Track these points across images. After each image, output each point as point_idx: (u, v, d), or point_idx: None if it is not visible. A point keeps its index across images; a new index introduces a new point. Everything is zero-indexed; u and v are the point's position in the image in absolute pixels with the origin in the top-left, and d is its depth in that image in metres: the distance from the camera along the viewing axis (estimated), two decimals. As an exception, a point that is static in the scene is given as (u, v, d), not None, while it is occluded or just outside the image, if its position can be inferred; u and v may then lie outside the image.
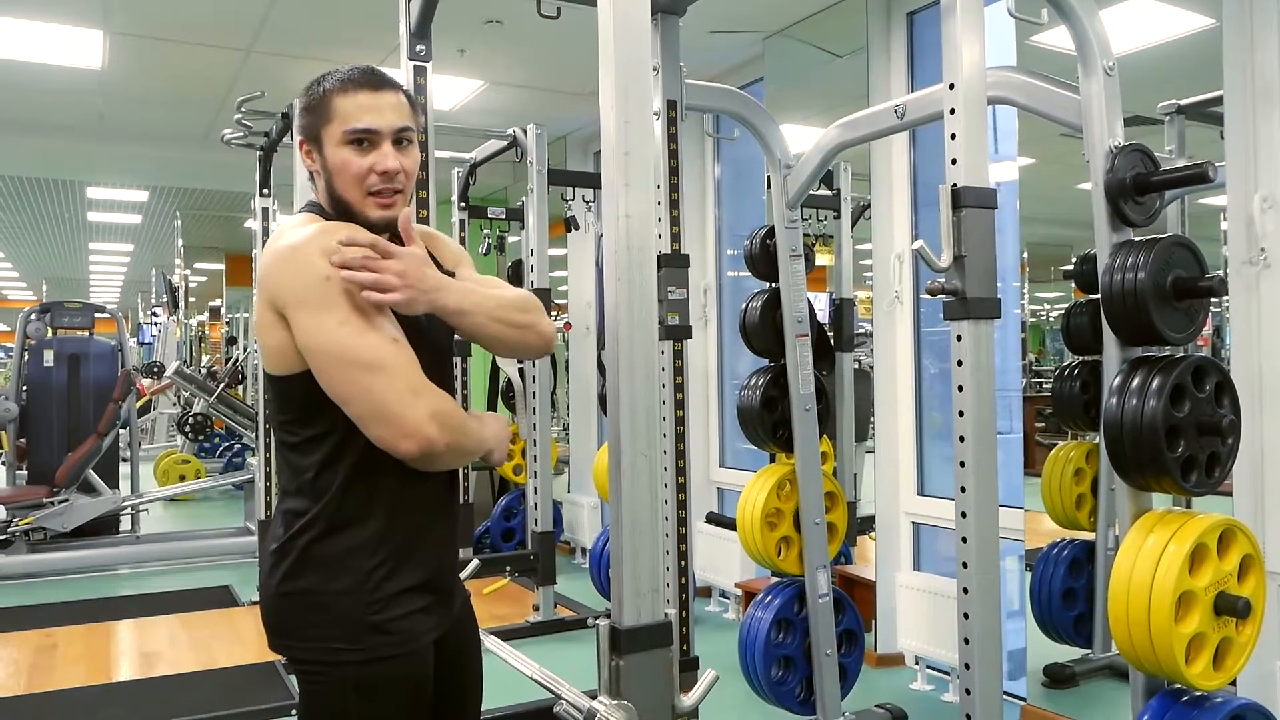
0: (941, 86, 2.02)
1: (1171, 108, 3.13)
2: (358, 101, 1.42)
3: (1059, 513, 3.27)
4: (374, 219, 1.45)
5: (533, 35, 4.75)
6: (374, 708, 1.40)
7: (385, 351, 1.33)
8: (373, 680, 1.40)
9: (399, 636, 1.42)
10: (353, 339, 1.33)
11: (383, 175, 1.43)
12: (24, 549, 5.92)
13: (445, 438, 1.34)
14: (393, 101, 1.45)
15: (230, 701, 3.59)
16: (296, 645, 1.43)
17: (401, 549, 1.44)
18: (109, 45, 4.86)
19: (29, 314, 7.00)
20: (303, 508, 1.42)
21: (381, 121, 1.43)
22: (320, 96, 1.45)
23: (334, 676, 1.41)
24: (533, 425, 4.69)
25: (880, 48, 4.04)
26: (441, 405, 1.36)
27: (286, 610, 1.44)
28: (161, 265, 13.80)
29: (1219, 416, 1.93)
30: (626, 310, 1.48)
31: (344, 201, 1.45)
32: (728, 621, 4.70)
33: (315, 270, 1.34)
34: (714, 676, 1.54)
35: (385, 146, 1.43)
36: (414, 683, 1.45)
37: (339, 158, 1.43)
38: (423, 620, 1.46)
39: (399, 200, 1.46)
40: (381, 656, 1.40)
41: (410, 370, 1.35)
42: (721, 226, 5.34)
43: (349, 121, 1.42)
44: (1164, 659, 1.83)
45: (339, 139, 1.42)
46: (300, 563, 1.41)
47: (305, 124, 1.47)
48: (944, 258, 1.96)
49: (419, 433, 1.32)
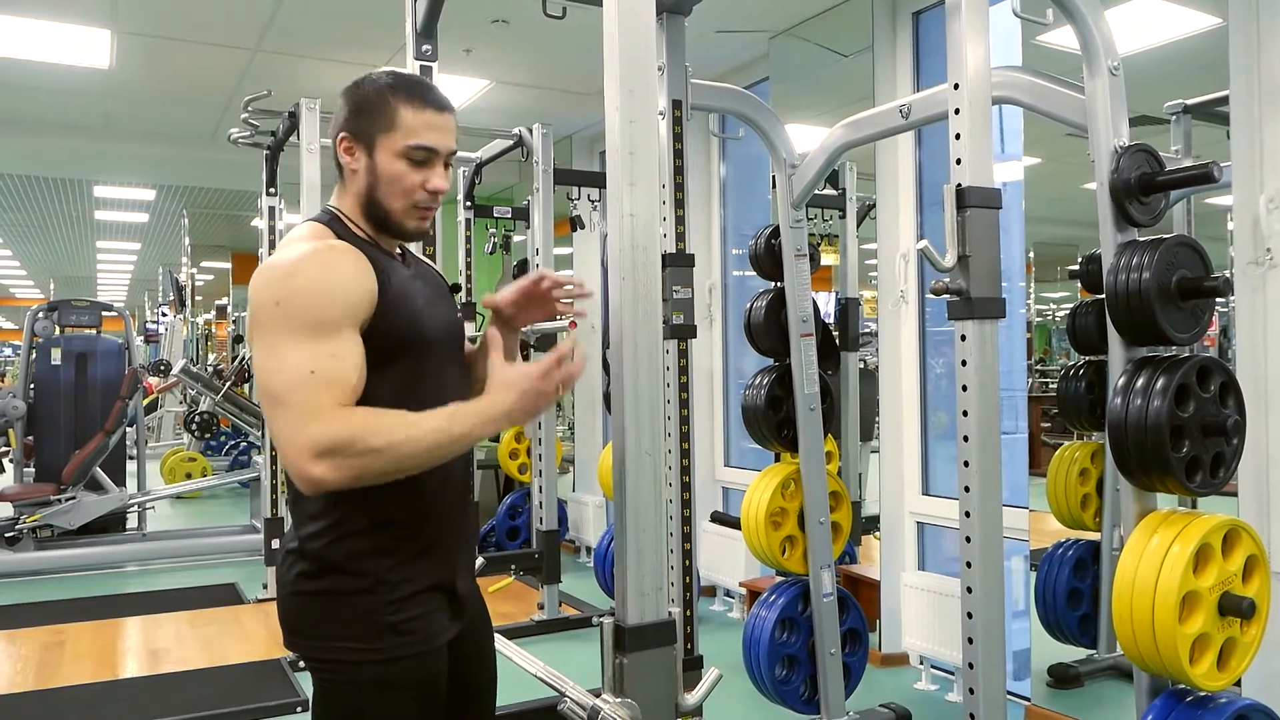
0: (946, 86, 2.02)
1: (1177, 107, 3.13)
2: (425, 119, 1.44)
3: (1064, 513, 3.27)
4: (410, 230, 1.50)
5: (538, 35, 4.76)
6: (389, 708, 1.41)
7: (291, 382, 1.29)
8: (389, 680, 1.40)
9: (416, 636, 1.42)
10: (270, 368, 1.31)
11: (432, 194, 1.47)
12: (31, 546, 5.94)
13: (344, 472, 1.27)
14: (453, 125, 1.49)
15: (237, 699, 3.61)
16: (314, 645, 1.43)
17: (418, 550, 1.45)
18: (117, 45, 4.88)
19: (37, 312, 7.02)
20: (320, 509, 1.42)
21: (443, 143, 1.47)
22: (383, 103, 1.44)
23: (350, 676, 1.41)
24: (538, 424, 4.70)
25: (886, 47, 4.04)
26: (339, 431, 1.27)
27: (304, 610, 1.44)
28: (168, 264, 13.85)
29: (1224, 417, 1.92)
30: (631, 309, 1.48)
31: (383, 209, 1.47)
32: (732, 620, 4.70)
33: (267, 295, 1.34)
34: (717, 675, 1.55)
35: (439, 166, 1.47)
36: (429, 682, 1.46)
37: (394, 168, 1.44)
38: (439, 621, 1.47)
39: (431, 216, 1.51)
40: (398, 656, 1.40)
41: (314, 399, 1.29)
42: (727, 226, 5.34)
43: (414, 137, 1.43)
44: (1168, 659, 1.83)
45: (399, 150, 1.44)
46: (318, 563, 1.42)
47: (357, 124, 1.45)
48: (948, 258, 1.96)
49: (304, 474, 1.28)
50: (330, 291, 1.35)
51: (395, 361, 1.41)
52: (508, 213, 5.66)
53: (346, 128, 1.47)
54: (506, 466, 5.67)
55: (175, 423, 11.09)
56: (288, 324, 1.32)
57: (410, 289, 1.48)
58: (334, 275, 1.36)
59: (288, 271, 1.36)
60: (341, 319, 1.35)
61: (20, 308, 20.96)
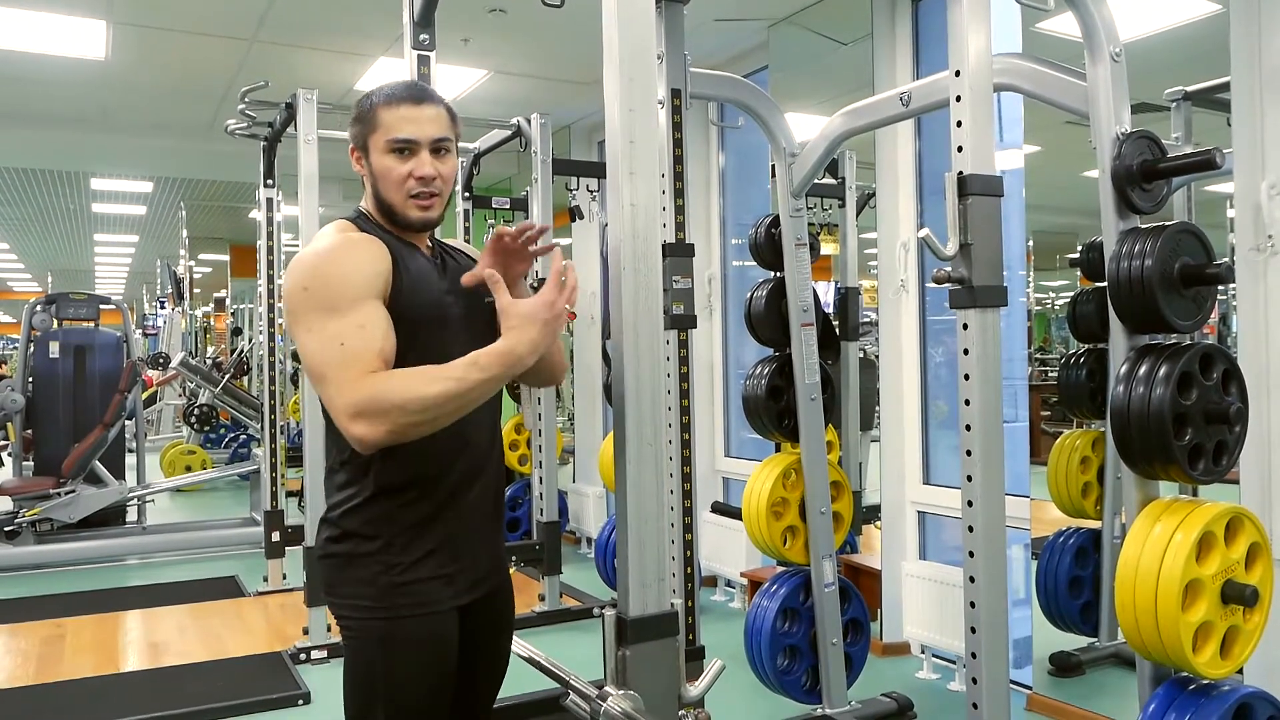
0: (948, 73, 2.01)
1: (1178, 94, 3.12)
2: (400, 114, 1.57)
3: (1065, 501, 3.28)
4: (413, 219, 1.60)
5: (536, 24, 4.74)
6: (398, 659, 1.54)
7: (327, 357, 1.44)
8: (396, 635, 1.54)
9: (418, 598, 1.55)
10: (309, 347, 1.47)
11: (420, 180, 1.58)
12: (31, 540, 5.94)
13: (380, 427, 1.39)
14: (432, 114, 1.59)
15: (238, 691, 3.61)
16: (335, 601, 1.59)
17: (424, 519, 1.56)
18: (112, 36, 4.86)
19: (35, 305, 7.01)
20: (343, 481, 1.58)
21: (420, 132, 1.57)
22: (368, 109, 1.60)
23: (364, 630, 1.56)
24: (538, 415, 4.69)
25: (885, 35, 4.02)
26: (367, 393, 1.40)
27: (328, 569, 1.60)
28: (166, 256, 13.83)
29: (1226, 404, 1.92)
30: (632, 299, 1.48)
31: (388, 204, 1.60)
32: (733, 611, 4.71)
33: (297, 283, 1.50)
34: (721, 666, 1.55)
35: (423, 155, 1.58)
36: (435, 640, 1.57)
37: (383, 164, 1.58)
38: (442, 588, 1.57)
39: (436, 203, 1.61)
40: (403, 615, 1.54)
41: (346, 370, 1.42)
42: (726, 215, 5.33)
43: (391, 132, 1.57)
44: (1171, 647, 1.82)
45: (383, 147, 1.58)
46: (339, 528, 1.58)
47: (355, 133, 1.62)
48: (950, 246, 1.95)
49: (350, 435, 1.41)
50: (350, 272, 1.49)
51: (413, 342, 1.52)
52: (506, 203, 5.64)
53: (352, 140, 1.64)
54: (506, 458, 5.67)
55: (174, 416, 11.09)
56: (317, 305, 1.47)
57: (429, 275, 1.60)
58: (353, 259, 1.51)
59: (312, 262, 1.51)
60: (364, 293, 1.48)
61: (18, 301, 20.93)
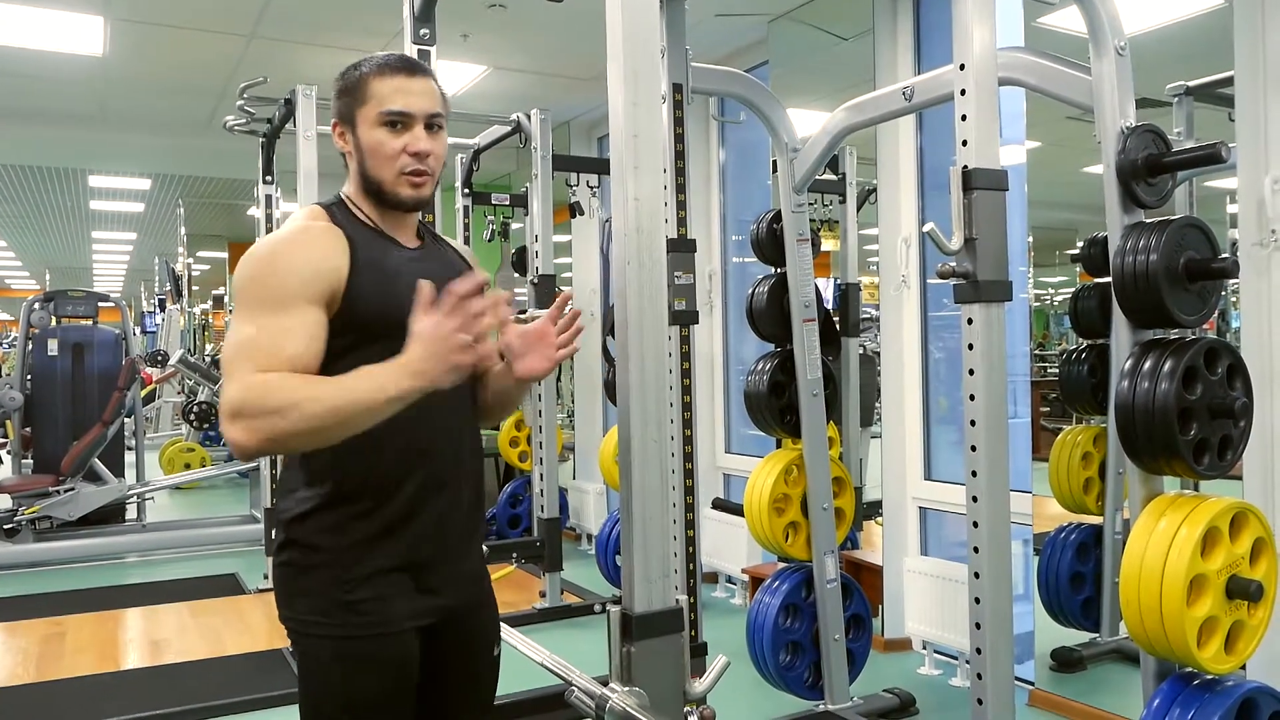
0: (951, 68, 2.00)
1: (1180, 89, 3.11)
2: (393, 85, 1.48)
3: (1066, 497, 3.27)
4: (405, 197, 1.50)
5: (536, 19, 4.73)
6: (350, 681, 1.44)
7: (235, 350, 1.34)
8: (346, 655, 1.43)
9: (372, 617, 1.43)
10: (228, 338, 1.40)
11: (415, 156, 1.48)
12: (30, 538, 5.93)
13: (253, 433, 1.26)
14: (426, 87, 1.51)
15: (238, 689, 3.60)
16: (285, 612, 1.47)
17: (379, 531, 1.44)
18: (110, 31, 4.84)
19: (33, 303, 6.99)
20: (294, 484, 1.47)
21: (415, 105, 1.48)
22: (356, 80, 1.50)
23: (311, 646, 1.46)
24: (538, 412, 4.69)
25: (886, 30, 4.01)
26: (248, 394, 1.28)
27: (279, 578, 1.49)
28: (164, 253, 13.81)
29: (1231, 399, 1.91)
30: (636, 294, 1.47)
31: (376, 181, 1.50)
32: (735, 607, 4.70)
33: (242, 270, 1.42)
34: (725, 662, 1.54)
35: (418, 129, 1.49)
36: (391, 663, 1.46)
37: (373, 138, 1.48)
38: (400, 604, 1.46)
39: (428, 182, 1.51)
40: (354, 635, 1.43)
41: (241, 365, 1.31)
42: (726, 211, 5.32)
43: (384, 103, 1.47)
44: (1175, 643, 1.82)
45: (374, 120, 1.48)
46: (288, 535, 1.47)
47: (340, 106, 1.52)
48: (955, 240, 1.95)
49: (227, 437, 1.28)
50: (291, 270, 1.39)
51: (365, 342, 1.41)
52: (506, 200, 5.63)
53: (335, 114, 1.54)
54: (507, 455, 5.67)
55: (173, 413, 11.08)
56: (249, 299, 1.38)
57: (394, 271, 1.47)
58: (302, 254, 1.41)
59: (262, 252, 1.43)
60: (299, 294, 1.38)
61: (16, 299, 20.90)
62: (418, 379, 1.28)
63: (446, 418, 1.49)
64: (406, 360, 1.28)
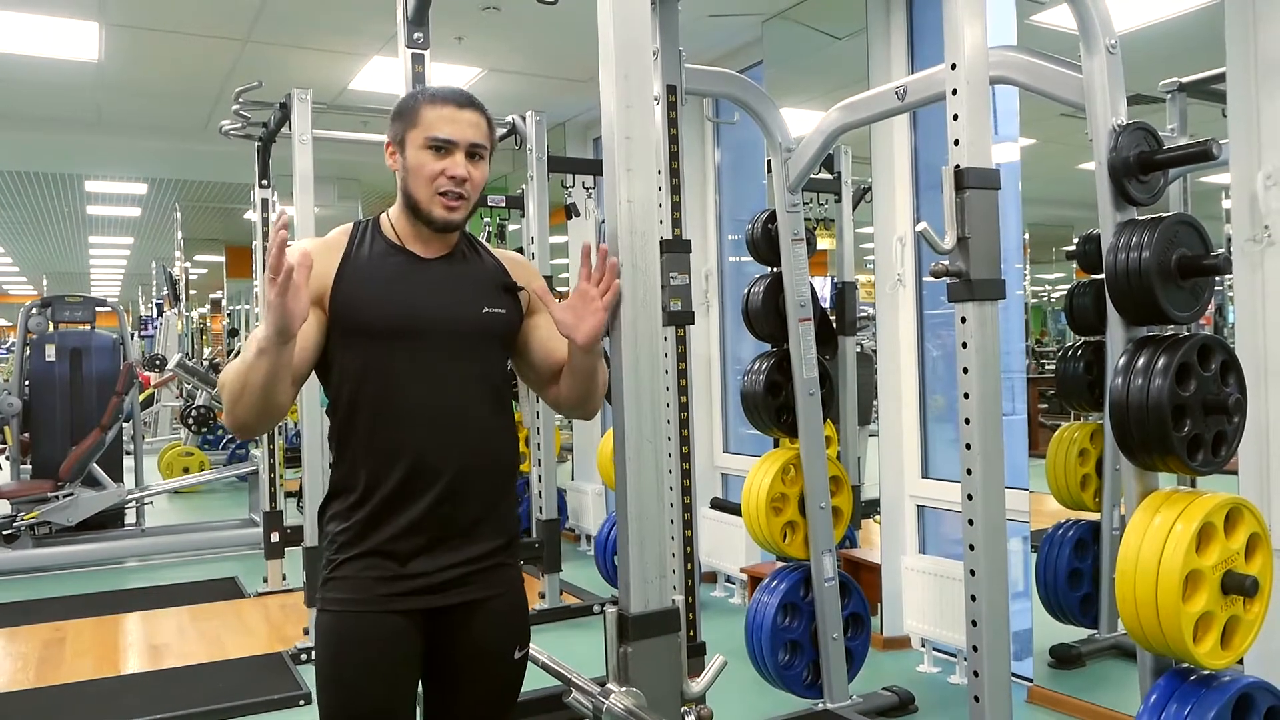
0: (943, 67, 2.01)
1: (1173, 86, 3.12)
2: (442, 113, 1.61)
3: (1064, 494, 3.28)
4: (436, 217, 1.61)
5: (530, 21, 4.73)
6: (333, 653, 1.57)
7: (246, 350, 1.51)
8: (332, 629, 1.58)
9: (346, 597, 1.57)
10: None
11: (452, 179, 1.60)
12: (29, 544, 5.93)
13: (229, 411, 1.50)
14: (472, 119, 1.62)
15: (239, 692, 3.60)
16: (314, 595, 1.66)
17: (367, 520, 1.57)
18: (105, 37, 4.84)
19: (30, 308, 7.00)
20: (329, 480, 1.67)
21: (459, 134, 1.60)
22: (412, 106, 1.63)
23: (318, 620, 1.61)
24: (535, 414, 4.69)
25: (880, 29, 4.01)
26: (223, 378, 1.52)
27: None
28: (162, 258, 13.79)
29: (1225, 395, 1.92)
30: (630, 295, 1.48)
31: (414, 199, 1.62)
32: (733, 607, 4.71)
33: None
34: (722, 662, 1.54)
35: (459, 155, 1.60)
36: (372, 640, 1.57)
37: (417, 159, 1.61)
38: (376, 586, 1.56)
39: (462, 206, 1.62)
40: (333, 610, 1.58)
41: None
42: (722, 211, 5.32)
43: (431, 129, 1.60)
44: (1172, 638, 1.83)
45: (420, 143, 1.60)
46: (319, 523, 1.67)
47: (395, 129, 1.65)
48: (948, 239, 1.95)
49: None
50: None
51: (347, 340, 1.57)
52: (502, 201, 5.62)
53: (390, 135, 1.67)
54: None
55: (172, 417, 11.07)
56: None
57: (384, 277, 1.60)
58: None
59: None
60: None
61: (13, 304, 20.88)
62: (264, 328, 1.43)
63: (447, 417, 1.58)
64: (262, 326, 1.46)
